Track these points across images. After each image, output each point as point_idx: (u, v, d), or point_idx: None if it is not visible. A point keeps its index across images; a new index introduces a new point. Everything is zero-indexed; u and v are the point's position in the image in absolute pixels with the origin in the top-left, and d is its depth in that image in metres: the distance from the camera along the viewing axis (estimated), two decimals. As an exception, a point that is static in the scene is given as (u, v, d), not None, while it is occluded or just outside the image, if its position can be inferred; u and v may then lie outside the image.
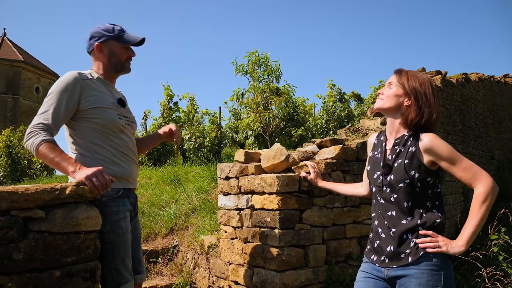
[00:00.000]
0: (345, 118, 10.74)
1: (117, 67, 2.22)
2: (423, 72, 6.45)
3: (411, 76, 1.82)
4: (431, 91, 1.78)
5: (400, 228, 1.75)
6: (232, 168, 3.24)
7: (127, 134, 2.22)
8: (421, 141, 1.73)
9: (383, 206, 1.83)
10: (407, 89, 1.79)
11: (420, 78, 1.81)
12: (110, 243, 2.03)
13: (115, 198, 2.09)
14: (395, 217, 1.78)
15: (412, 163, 1.74)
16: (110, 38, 2.16)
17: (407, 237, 1.74)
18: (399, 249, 1.74)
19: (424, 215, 1.74)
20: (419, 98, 1.77)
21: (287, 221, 2.87)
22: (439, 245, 1.67)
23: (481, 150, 7.37)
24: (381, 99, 1.85)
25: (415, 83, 1.79)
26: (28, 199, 1.67)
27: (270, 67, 5.60)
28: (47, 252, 1.70)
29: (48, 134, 1.91)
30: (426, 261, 1.68)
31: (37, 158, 1.96)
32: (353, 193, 2.29)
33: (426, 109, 1.75)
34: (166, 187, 6.12)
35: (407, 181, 1.74)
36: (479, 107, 7.60)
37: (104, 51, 2.17)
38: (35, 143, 1.88)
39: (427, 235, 1.70)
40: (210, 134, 8.59)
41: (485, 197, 1.63)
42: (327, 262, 3.08)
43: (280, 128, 7.08)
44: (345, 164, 3.26)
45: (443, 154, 1.69)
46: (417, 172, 1.73)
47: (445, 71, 6.43)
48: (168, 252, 4.12)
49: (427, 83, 1.80)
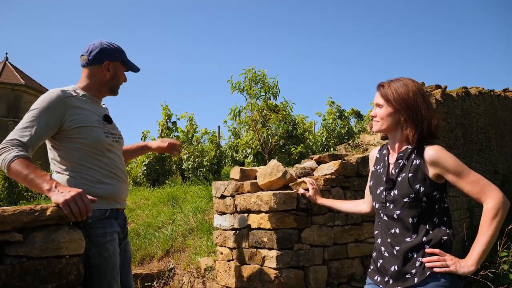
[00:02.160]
0: (345, 135, 10.68)
1: (113, 89, 2.20)
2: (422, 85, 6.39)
3: (395, 89, 1.72)
4: (421, 98, 1.70)
5: (404, 246, 1.65)
6: (228, 186, 3.13)
7: (114, 152, 2.12)
8: (426, 154, 1.64)
9: (386, 223, 1.74)
10: (396, 105, 1.71)
11: (405, 87, 1.71)
12: (96, 267, 1.92)
13: (102, 220, 1.98)
14: (398, 235, 1.68)
15: (417, 176, 1.65)
16: (118, 60, 2.16)
17: (412, 255, 1.63)
18: (404, 269, 1.62)
19: (431, 231, 1.63)
20: (411, 111, 1.68)
21: (285, 241, 2.74)
22: (447, 264, 1.55)
23: (484, 164, 7.26)
24: (377, 121, 1.78)
25: (401, 95, 1.70)
26: (4, 222, 1.56)
27: (267, 84, 5.55)
28: (25, 278, 1.58)
29: (22, 150, 1.78)
30: (434, 281, 1.56)
31: (9, 176, 1.83)
32: (354, 211, 2.19)
33: (422, 120, 1.67)
34: (163, 208, 5.98)
35: (412, 195, 1.64)
36: (481, 121, 7.52)
37: (110, 71, 2.14)
38: (7, 159, 1.74)
39: (434, 253, 1.59)
40: (209, 154, 8.50)
41: (495, 212, 1.52)
42: (328, 284, 2.93)
43: (280, 146, 6.99)
44: (345, 180, 3.15)
45: (450, 167, 1.60)
46: (422, 185, 1.64)
47: (444, 85, 6.38)
48: (164, 275, 3.97)
49: (415, 90, 1.71)
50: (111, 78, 2.14)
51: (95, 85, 2.12)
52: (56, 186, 1.71)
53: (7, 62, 23.63)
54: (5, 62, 23.46)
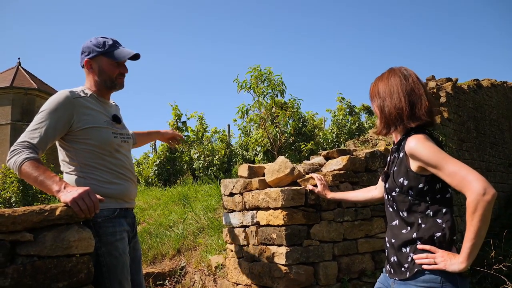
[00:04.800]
0: (356, 131, 10.59)
1: (107, 84, 2.11)
2: (432, 80, 6.30)
3: (374, 85, 1.73)
4: (397, 86, 1.63)
5: (399, 238, 1.64)
6: (236, 183, 3.14)
7: (123, 152, 2.13)
8: (406, 146, 1.59)
9: (390, 215, 1.74)
10: (374, 100, 1.71)
11: (381, 79, 1.70)
12: (107, 265, 1.93)
13: (111, 219, 2.00)
14: (397, 227, 1.68)
15: (400, 169, 1.63)
16: (100, 54, 2.06)
17: (405, 250, 1.62)
18: (400, 261, 1.63)
19: (423, 225, 1.58)
20: (380, 99, 1.67)
21: (294, 237, 2.74)
22: (435, 261, 1.52)
23: (498, 157, 7.14)
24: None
25: (375, 88, 1.70)
26: (15, 222, 1.59)
27: (273, 81, 5.53)
28: (36, 277, 1.61)
29: (32, 152, 1.82)
30: (422, 276, 1.54)
31: (21, 177, 1.85)
32: (366, 198, 2.17)
33: (394, 106, 1.63)
34: (174, 207, 6.03)
35: (397, 189, 1.63)
36: (493, 114, 7.40)
37: (94, 67, 2.08)
38: (17, 162, 1.79)
39: (425, 250, 1.56)
40: (219, 152, 8.52)
41: (475, 206, 1.40)
42: (339, 279, 2.92)
43: (289, 143, 6.97)
44: (354, 175, 3.13)
45: (425, 159, 1.51)
46: (406, 179, 1.60)
47: (455, 78, 6.29)
48: (176, 274, 4.00)
49: (389, 77, 1.67)
50: (99, 75, 2.08)
51: (94, 85, 2.11)
52: (65, 187, 1.74)
53: (20, 67, 24.00)
54: (18, 67, 23.82)
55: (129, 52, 2.11)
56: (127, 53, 2.10)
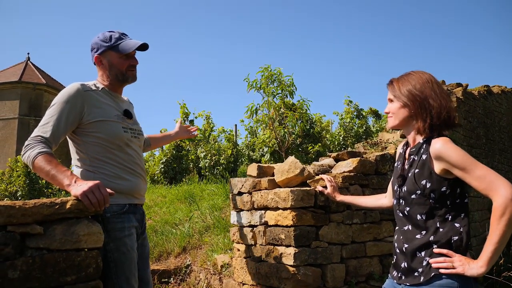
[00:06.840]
0: (363, 135, 10.54)
1: (119, 78, 2.10)
2: (443, 85, 6.26)
3: (403, 82, 1.70)
4: (429, 88, 1.64)
5: (413, 243, 1.61)
6: (245, 183, 3.12)
7: (133, 147, 2.11)
8: (432, 148, 1.58)
9: (400, 220, 1.72)
10: (403, 99, 1.67)
11: (412, 80, 1.68)
12: (114, 261, 1.92)
13: (120, 214, 1.98)
14: (410, 232, 1.65)
15: (423, 172, 1.60)
16: (108, 49, 2.06)
17: (420, 254, 1.59)
18: (412, 265, 1.60)
19: (441, 229, 1.57)
20: (418, 103, 1.63)
21: (303, 238, 2.71)
22: (453, 265, 1.49)
23: (507, 164, 7.08)
24: (391, 117, 1.75)
25: (409, 87, 1.66)
26: (25, 214, 1.58)
27: (283, 82, 5.52)
28: (45, 270, 1.60)
29: (45, 147, 1.82)
30: (439, 281, 1.51)
31: (34, 171, 1.86)
32: (375, 205, 2.15)
33: (430, 110, 1.61)
34: (180, 205, 6.02)
35: (418, 192, 1.60)
36: (503, 120, 7.34)
37: (104, 63, 2.08)
38: (31, 156, 1.79)
39: (441, 253, 1.53)
40: (226, 152, 8.51)
41: (503, 210, 1.40)
42: (346, 282, 2.89)
43: (297, 145, 6.94)
44: (364, 177, 3.10)
45: (454, 161, 1.51)
46: (429, 181, 1.58)
47: (466, 84, 6.23)
48: (181, 272, 3.98)
49: (423, 81, 1.65)
50: (109, 69, 2.08)
51: (106, 80, 2.11)
52: (76, 181, 1.73)
53: (29, 62, 24.17)
54: (27, 62, 23.99)
55: (136, 43, 2.09)
56: (133, 44, 2.07)
